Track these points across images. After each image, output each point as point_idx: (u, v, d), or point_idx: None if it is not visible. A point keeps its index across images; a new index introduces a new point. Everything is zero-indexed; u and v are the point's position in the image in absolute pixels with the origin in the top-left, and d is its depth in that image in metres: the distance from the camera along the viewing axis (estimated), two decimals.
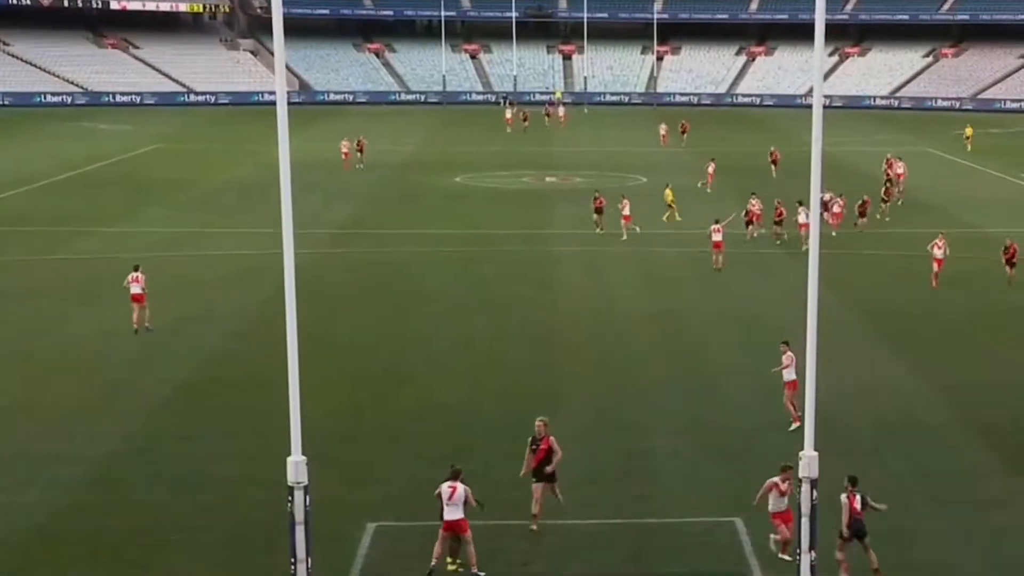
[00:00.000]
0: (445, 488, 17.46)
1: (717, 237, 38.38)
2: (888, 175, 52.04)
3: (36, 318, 29.42)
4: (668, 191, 47.94)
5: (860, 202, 44.95)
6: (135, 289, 30.13)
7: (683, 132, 71.77)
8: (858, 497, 17.19)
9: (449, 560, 17.60)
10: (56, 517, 19.67)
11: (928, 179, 57.25)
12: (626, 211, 42.99)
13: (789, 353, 23.34)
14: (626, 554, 18.56)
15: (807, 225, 36.62)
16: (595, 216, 43.99)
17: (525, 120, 79.88)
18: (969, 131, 70.57)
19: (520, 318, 32.66)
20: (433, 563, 17.31)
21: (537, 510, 18.78)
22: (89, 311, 32.49)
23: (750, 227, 42.66)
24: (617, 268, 39.30)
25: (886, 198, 47.75)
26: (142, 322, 30.24)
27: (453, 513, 17.42)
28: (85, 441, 23.11)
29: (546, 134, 78.63)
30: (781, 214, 42.29)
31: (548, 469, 18.89)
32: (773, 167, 58.13)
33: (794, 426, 22.65)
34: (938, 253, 35.93)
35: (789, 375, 23.40)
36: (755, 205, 43.38)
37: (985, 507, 20.29)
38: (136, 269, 30.58)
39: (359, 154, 62.45)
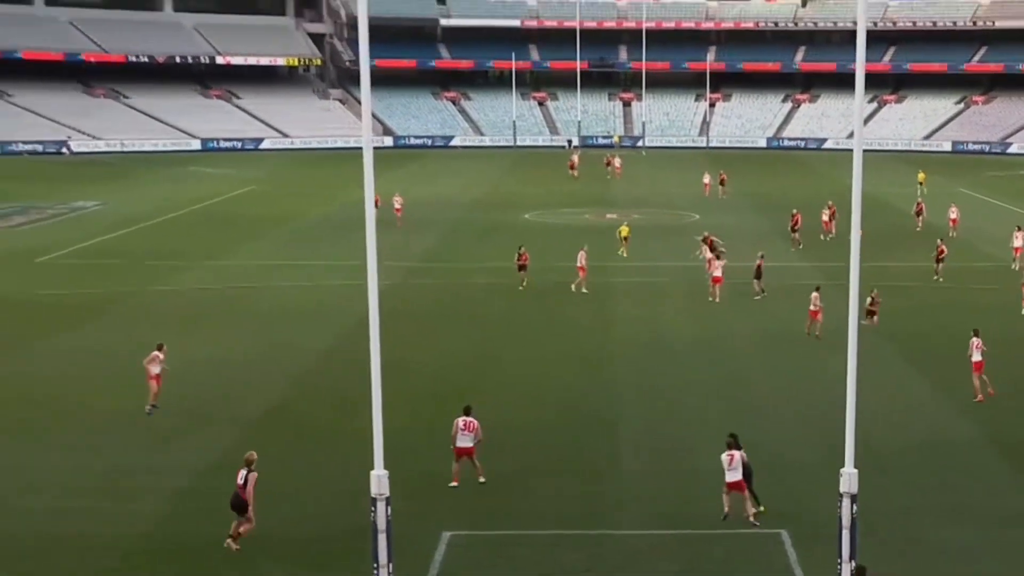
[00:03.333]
0: (459, 422, 21.14)
1: (717, 273, 38.00)
2: (940, 248, 42.38)
3: (147, 343, 29.59)
4: (624, 227, 47.95)
5: (936, 251, 41.64)
6: (155, 369, 26.00)
7: (722, 183, 68.65)
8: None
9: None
10: (159, 524, 19.86)
11: (969, 217, 56.51)
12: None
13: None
14: (681, 564, 18.45)
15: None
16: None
17: (572, 167, 79.25)
18: (922, 176, 67.47)
19: (578, 343, 32.66)
20: (454, 483, 20.88)
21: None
22: (194, 336, 32.80)
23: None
24: (667, 297, 39.26)
25: (940, 258, 41.73)
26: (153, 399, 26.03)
27: (464, 441, 21.09)
28: (186, 454, 23.36)
29: (606, 176, 78.49)
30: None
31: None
32: (831, 223, 51.70)
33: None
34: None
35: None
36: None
37: (1010, 522, 19.96)
38: (160, 348, 26.53)
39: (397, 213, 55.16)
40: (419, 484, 20.89)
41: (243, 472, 18.69)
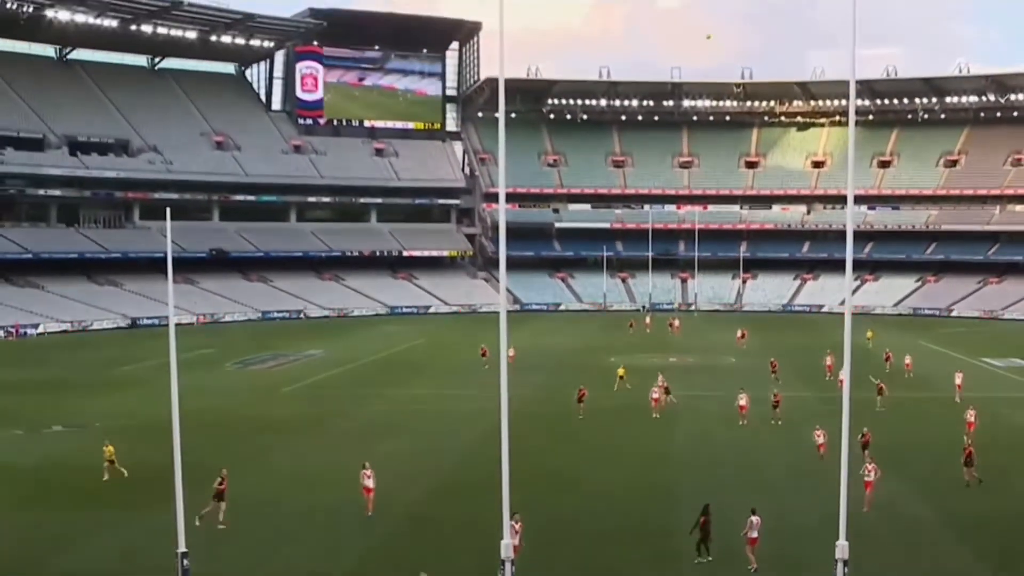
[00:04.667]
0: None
1: (742, 402, 36.79)
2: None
3: (355, 448, 30.01)
4: (621, 369, 46.39)
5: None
6: (367, 482, 24.58)
7: (742, 337, 67.59)
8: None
9: None
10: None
11: (924, 361, 54.94)
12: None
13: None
14: None
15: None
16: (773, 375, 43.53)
17: (637, 324, 78.74)
18: (870, 334, 64.30)
19: (640, 458, 32.13)
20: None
21: None
22: (386, 441, 33.15)
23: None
24: (710, 418, 38.59)
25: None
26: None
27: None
28: (366, 531, 23.28)
29: (669, 332, 77.72)
30: (778, 401, 37.17)
31: None
32: (828, 371, 49.10)
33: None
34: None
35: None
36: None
37: None
38: (365, 466, 24.92)
39: (483, 357, 53.36)
40: (532, 548, 20.55)
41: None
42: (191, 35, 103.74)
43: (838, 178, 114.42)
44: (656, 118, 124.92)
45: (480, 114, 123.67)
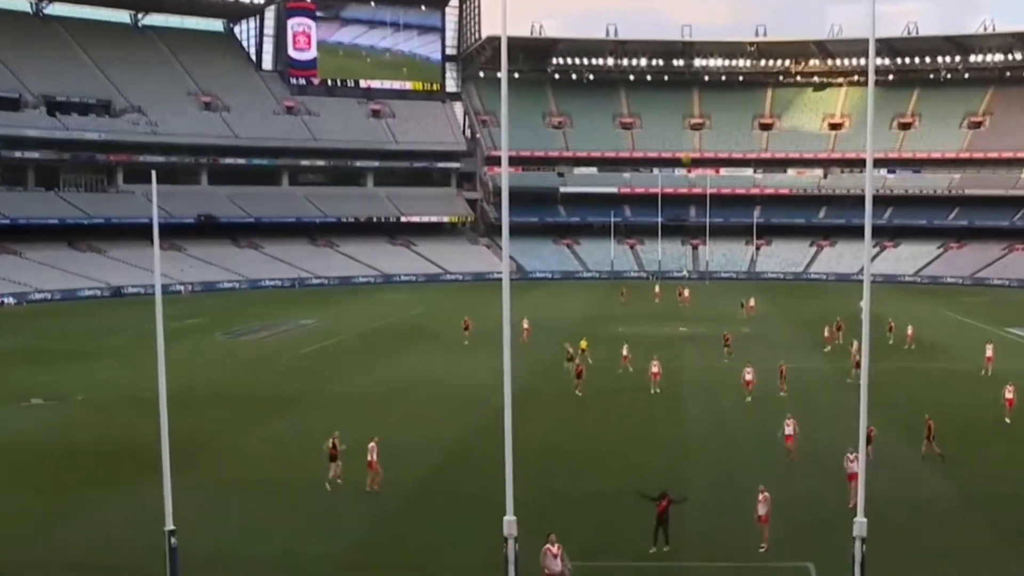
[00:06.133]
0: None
1: (748, 376, 36.44)
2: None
3: (352, 422, 29.98)
4: (584, 341, 46.06)
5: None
6: (370, 456, 24.43)
7: (741, 306, 67.43)
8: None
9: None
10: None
11: (940, 329, 54.75)
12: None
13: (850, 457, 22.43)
14: None
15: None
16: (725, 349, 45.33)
17: (628, 294, 78.54)
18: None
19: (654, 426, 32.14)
20: None
21: None
22: (384, 415, 33.18)
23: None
24: (725, 385, 38.54)
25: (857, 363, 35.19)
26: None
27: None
28: (365, 508, 23.29)
29: (678, 302, 77.59)
30: (783, 372, 37.28)
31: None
32: (839, 332, 50.13)
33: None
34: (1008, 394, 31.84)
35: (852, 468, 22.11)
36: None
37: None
38: (373, 440, 24.86)
39: (465, 331, 52.87)
40: (538, 525, 20.54)
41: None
42: None
43: (856, 140, 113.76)
44: (666, 78, 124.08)
45: (481, 74, 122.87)
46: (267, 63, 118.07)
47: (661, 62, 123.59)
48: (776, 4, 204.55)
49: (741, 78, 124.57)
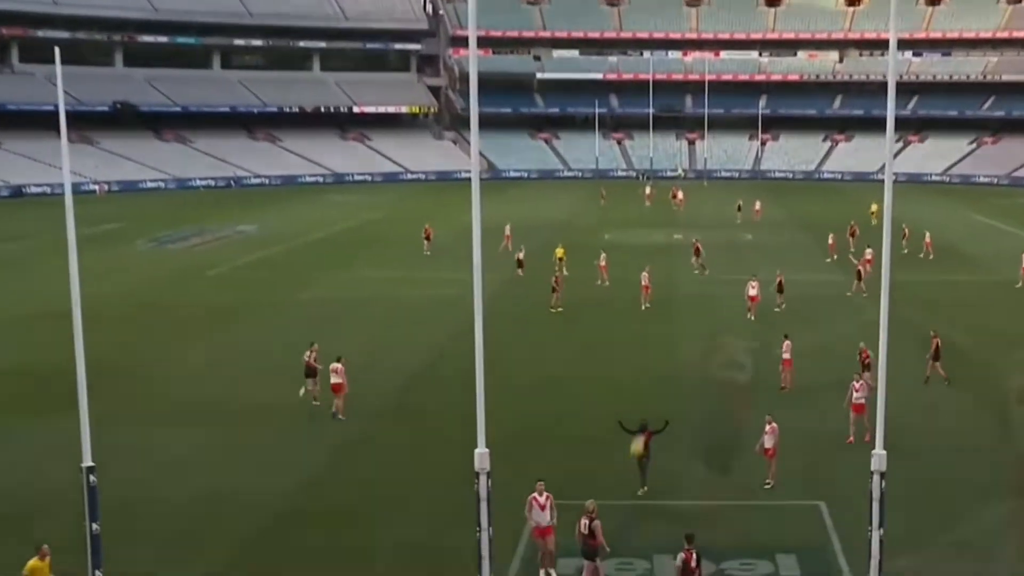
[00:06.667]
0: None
1: (753, 291, 36.20)
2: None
3: (293, 339, 29.94)
4: (560, 248, 46.21)
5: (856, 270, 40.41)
6: (335, 379, 24.49)
7: (739, 209, 67.58)
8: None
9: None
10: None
11: (968, 236, 55.04)
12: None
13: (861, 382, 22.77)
14: (736, 530, 18.13)
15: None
16: (693, 259, 45.24)
17: (608, 195, 78.46)
18: (875, 207, 60.74)
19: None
20: None
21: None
22: (328, 332, 32.98)
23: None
24: (723, 303, 38.66)
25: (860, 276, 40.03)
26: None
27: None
28: (321, 436, 23.53)
29: (672, 206, 77.31)
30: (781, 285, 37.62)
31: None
32: (851, 239, 50.62)
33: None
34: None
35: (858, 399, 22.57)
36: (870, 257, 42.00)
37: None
38: (339, 360, 24.72)
39: (427, 241, 52.60)
40: (515, 460, 20.60)
41: (585, 522, 16.01)
42: None
43: (877, 18, 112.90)
44: None
45: None
46: None
47: None
48: None
49: None
